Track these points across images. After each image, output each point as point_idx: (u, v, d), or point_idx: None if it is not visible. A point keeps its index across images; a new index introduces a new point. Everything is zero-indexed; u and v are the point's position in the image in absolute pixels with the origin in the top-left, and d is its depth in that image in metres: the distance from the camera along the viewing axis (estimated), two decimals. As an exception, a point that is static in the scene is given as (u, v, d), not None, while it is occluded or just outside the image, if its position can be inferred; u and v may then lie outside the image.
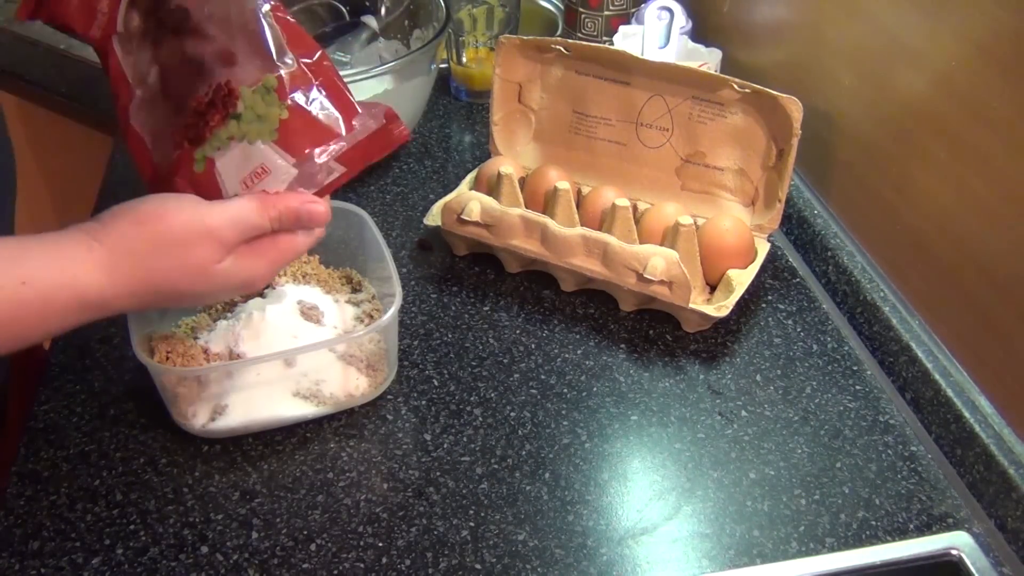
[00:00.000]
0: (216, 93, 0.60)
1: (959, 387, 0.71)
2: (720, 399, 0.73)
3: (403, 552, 0.62)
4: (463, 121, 1.09)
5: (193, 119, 0.60)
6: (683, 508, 0.65)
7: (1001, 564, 0.61)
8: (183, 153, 0.60)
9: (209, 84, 0.60)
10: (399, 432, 0.71)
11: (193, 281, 0.57)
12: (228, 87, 0.59)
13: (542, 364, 0.76)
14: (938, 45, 0.72)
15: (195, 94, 0.60)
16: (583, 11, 1.10)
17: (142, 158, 0.63)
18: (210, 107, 0.59)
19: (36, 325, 0.53)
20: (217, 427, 0.68)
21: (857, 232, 0.86)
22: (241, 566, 0.61)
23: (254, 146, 0.59)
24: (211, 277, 0.57)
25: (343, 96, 0.61)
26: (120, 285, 0.54)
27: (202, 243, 0.56)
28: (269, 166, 0.59)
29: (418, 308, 0.82)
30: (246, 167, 0.59)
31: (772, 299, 0.83)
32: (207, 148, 0.59)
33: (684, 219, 0.78)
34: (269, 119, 0.59)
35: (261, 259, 0.59)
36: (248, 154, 0.59)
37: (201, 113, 0.60)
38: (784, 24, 0.95)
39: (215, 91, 0.60)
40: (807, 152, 0.84)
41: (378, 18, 1.08)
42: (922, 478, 0.67)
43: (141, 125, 0.62)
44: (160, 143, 0.62)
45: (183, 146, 0.60)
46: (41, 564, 0.61)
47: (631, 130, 0.89)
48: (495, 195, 0.84)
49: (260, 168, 0.59)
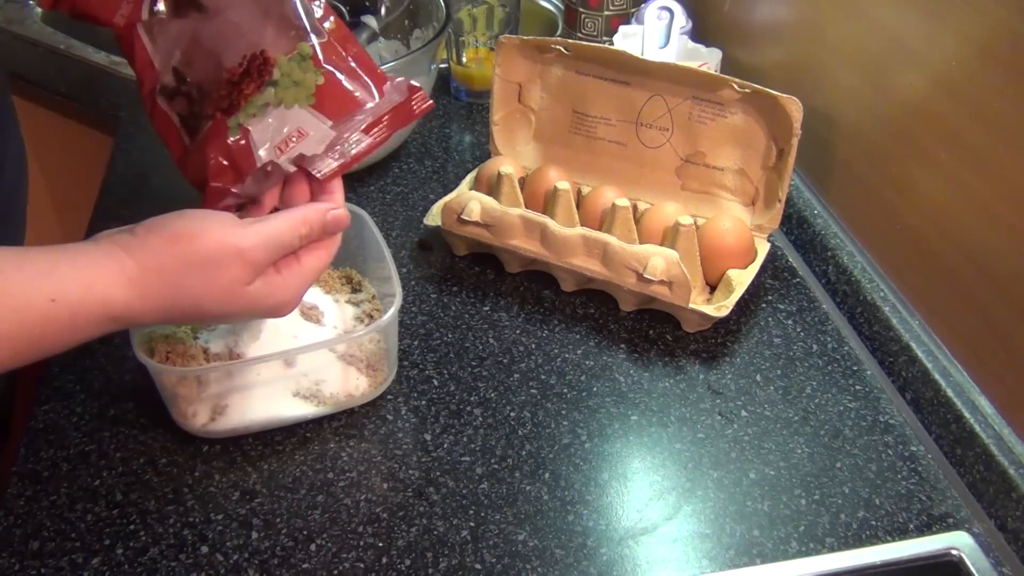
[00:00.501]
0: (251, 62, 0.60)
1: (959, 387, 0.71)
2: (720, 399, 0.73)
3: (403, 552, 0.62)
4: (463, 121, 1.09)
5: (226, 90, 0.60)
6: (683, 508, 0.65)
7: (1001, 564, 0.61)
8: (215, 124, 0.60)
9: (243, 55, 0.60)
10: (399, 432, 0.71)
11: (221, 302, 0.57)
12: (263, 56, 0.60)
13: (542, 364, 0.76)
14: (938, 45, 0.72)
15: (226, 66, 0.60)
16: (583, 11, 1.10)
17: (171, 137, 0.63)
18: (244, 76, 0.60)
19: (63, 339, 0.53)
20: (217, 427, 0.68)
21: (857, 232, 0.86)
22: (241, 566, 0.61)
23: (291, 110, 0.59)
24: (239, 299, 0.57)
25: (371, 64, 0.63)
26: (149, 301, 0.54)
27: (233, 264, 0.56)
28: (307, 129, 0.59)
29: (418, 308, 0.82)
30: (281, 132, 0.59)
31: (772, 299, 0.83)
32: (241, 116, 0.59)
33: (684, 219, 0.78)
34: (306, 84, 0.60)
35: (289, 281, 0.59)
36: (284, 118, 0.59)
37: (235, 83, 0.60)
38: (784, 24, 0.95)
39: (249, 60, 0.60)
40: (807, 152, 0.84)
41: (378, 18, 1.08)
42: (922, 478, 0.67)
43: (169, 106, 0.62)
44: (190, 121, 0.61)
45: (215, 116, 0.60)
46: (41, 564, 0.61)
47: (631, 130, 0.89)
48: (495, 195, 0.84)
49: (297, 132, 0.59)
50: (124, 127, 1.06)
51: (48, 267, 0.52)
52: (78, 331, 0.53)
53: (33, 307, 0.51)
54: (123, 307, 0.54)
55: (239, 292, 0.57)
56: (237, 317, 0.62)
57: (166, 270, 0.55)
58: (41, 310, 0.51)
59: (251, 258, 0.56)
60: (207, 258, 0.55)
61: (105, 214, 0.92)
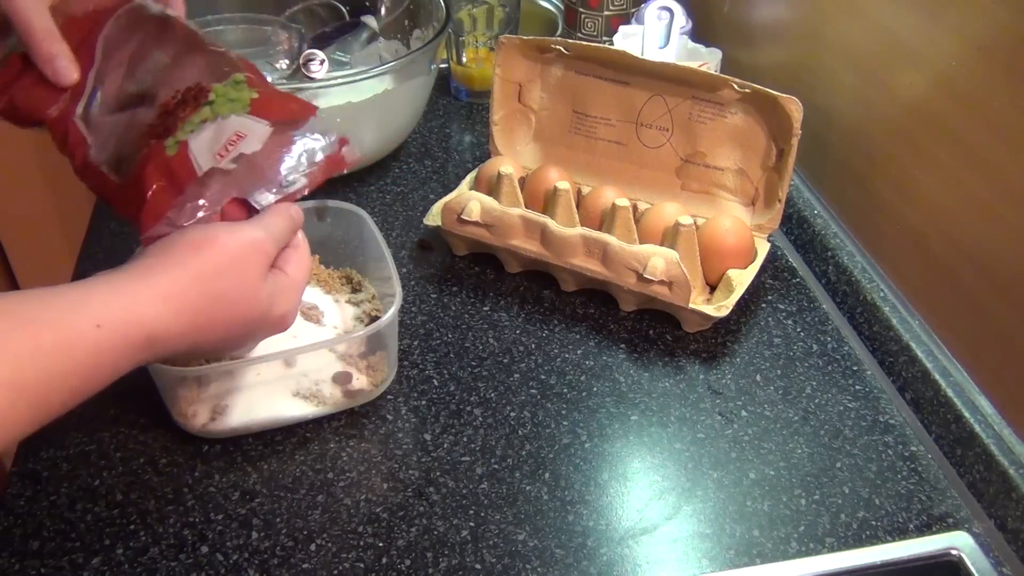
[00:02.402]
0: (186, 93, 0.60)
1: (959, 387, 0.71)
2: (720, 399, 0.73)
3: (403, 552, 0.62)
4: (463, 121, 1.09)
5: (160, 120, 0.60)
6: (683, 508, 0.65)
7: (1001, 564, 0.61)
8: (150, 150, 0.59)
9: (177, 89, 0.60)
10: (399, 432, 0.71)
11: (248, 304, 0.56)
12: (199, 86, 0.60)
13: (542, 364, 0.76)
14: (938, 45, 0.72)
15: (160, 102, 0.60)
16: (583, 11, 1.11)
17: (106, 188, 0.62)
18: (180, 105, 0.60)
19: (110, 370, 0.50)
20: (217, 427, 0.68)
21: (857, 232, 0.86)
22: (241, 566, 0.61)
23: (227, 120, 0.59)
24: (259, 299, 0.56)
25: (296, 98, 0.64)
26: (183, 316, 0.53)
27: (252, 257, 0.56)
28: (244, 131, 0.59)
29: (418, 308, 0.82)
30: (220, 139, 0.59)
31: (772, 299, 0.83)
32: (179, 135, 0.59)
33: (684, 219, 0.78)
34: (241, 99, 0.60)
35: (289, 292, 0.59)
36: (222, 128, 0.59)
37: (170, 112, 0.60)
38: (784, 24, 0.95)
39: (184, 92, 0.60)
40: (807, 152, 0.84)
41: (378, 18, 1.08)
42: (922, 478, 0.67)
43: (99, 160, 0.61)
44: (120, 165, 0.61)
45: (149, 144, 0.59)
46: (41, 564, 0.61)
47: (631, 130, 0.89)
48: (495, 195, 0.84)
49: (235, 136, 0.59)
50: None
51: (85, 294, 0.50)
52: (121, 359, 0.50)
53: (81, 337, 0.48)
54: (162, 328, 0.52)
55: (262, 288, 0.56)
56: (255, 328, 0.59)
57: (200, 277, 0.53)
58: (90, 339, 0.49)
59: (262, 246, 0.57)
60: (234, 256, 0.55)
61: (105, 214, 0.92)
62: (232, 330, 0.57)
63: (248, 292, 0.56)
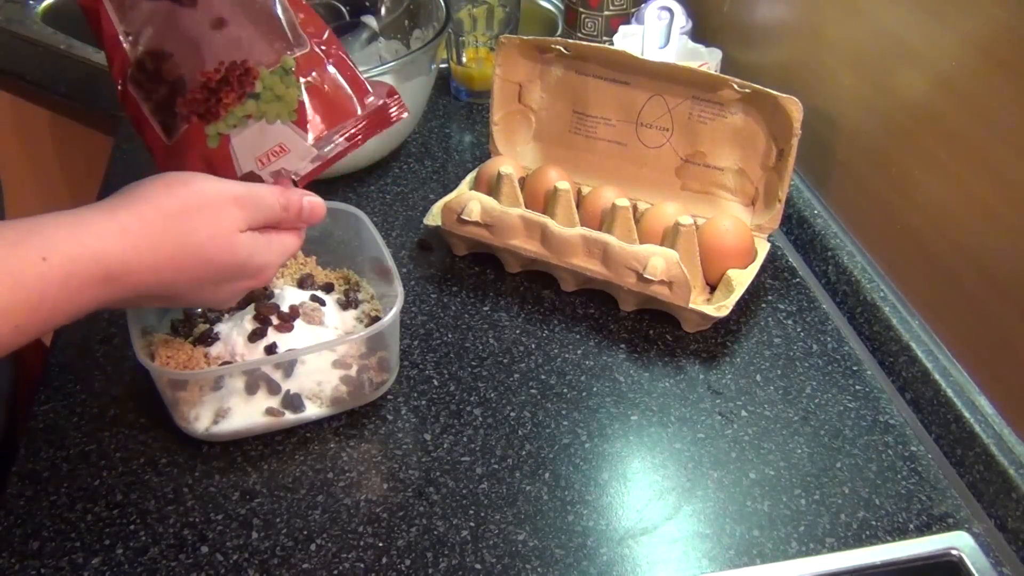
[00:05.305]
0: (230, 71, 0.59)
1: (959, 387, 0.71)
2: (720, 399, 0.73)
3: (403, 552, 0.62)
4: (463, 121, 1.09)
5: (202, 94, 0.59)
6: (683, 508, 0.65)
7: (1001, 564, 0.61)
8: (192, 128, 0.59)
9: (220, 60, 0.59)
10: (399, 432, 0.71)
11: (221, 248, 0.55)
12: (244, 66, 0.59)
13: (542, 364, 0.76)
14: (938, 45, 0.72)
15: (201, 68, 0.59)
16: (583, 11, 1.10)
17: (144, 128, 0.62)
18: (223, 84, 0.59)
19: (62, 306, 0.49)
20: (220, 430, 0.68)
21: (857, 232, 0.86)
22: (241, 566, 0.61)
23: (273, 125, 0.59)
24: (235, 247, 0.55)
25: (354, 75, 0.62)
26: (146, 253, 0.51)
27: (231, 207, 0.55)
28: (288, 145, 0.59)
29: (418, 308, 0.82)
30: (263, 145, 0.59)
31: (772, 299, 0.83)
32: (221, 125, 0.59)
33: (684, 219, 0.78)
34: (288, 100, 0.59)
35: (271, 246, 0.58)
36: (266, 132, 0.59)
37: (213, 90, 0.59)
38: (784, 24, 0.95)
39: (228, 69, 0.59)
40: (807, 152, 0.84)
41: (378, 18, 1.08)
42: (922, 478, 0.67)
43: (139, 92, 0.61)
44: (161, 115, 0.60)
45: (191, 120, 0.59)
46: (41, 564, 0.61)
47: (631, 130, 0.89)
48: (495, 195, 0.84)
49: (278, 147, 0.59)
50: (124, 127, 1.06)
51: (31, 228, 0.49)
52: (74, 294, 0.49)
53: (25, 270, 0.47)
54: (118, 262, 0.50)
55: (236, 240, 0.55)
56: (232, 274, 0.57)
57: (168, 213, 0.52)
58: (34, 272, 0.47)
59: (244, 203, 0.56)
60: (208, 200, 0.54)
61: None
62: (204, 273, 0.55)
63: (220, 238, 0.55)
